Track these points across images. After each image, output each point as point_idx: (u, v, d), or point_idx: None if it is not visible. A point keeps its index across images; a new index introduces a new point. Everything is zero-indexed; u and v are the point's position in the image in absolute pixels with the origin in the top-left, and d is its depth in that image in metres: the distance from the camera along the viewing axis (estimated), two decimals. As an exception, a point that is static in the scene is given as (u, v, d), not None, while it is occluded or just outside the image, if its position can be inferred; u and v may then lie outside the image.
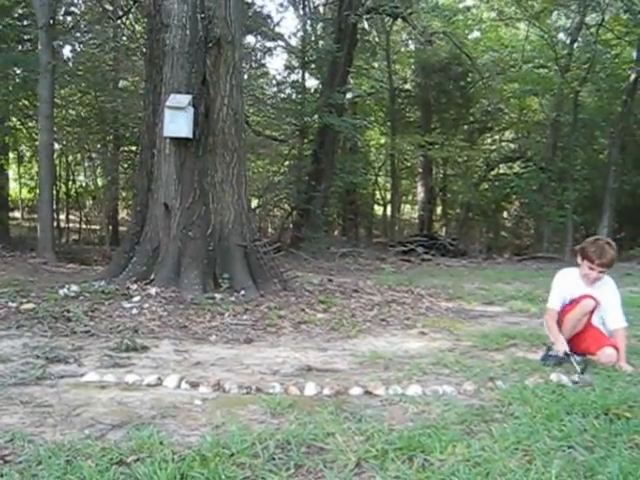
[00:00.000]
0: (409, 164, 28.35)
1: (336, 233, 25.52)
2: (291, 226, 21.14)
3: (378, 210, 30.74)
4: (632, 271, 15.84)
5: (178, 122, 7.93)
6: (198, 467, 2.55)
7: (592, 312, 4.82)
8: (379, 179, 29.00)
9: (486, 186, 26.74)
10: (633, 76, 20.43)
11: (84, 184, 22.89)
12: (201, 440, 2.89)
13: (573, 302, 4.89)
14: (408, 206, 32.67)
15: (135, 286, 7.67)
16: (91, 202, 23.39)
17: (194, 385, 3.92)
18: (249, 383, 3.99)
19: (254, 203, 20.58)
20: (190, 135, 8.03)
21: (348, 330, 6.33)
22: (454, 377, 4.34)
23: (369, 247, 20.64)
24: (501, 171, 27.72)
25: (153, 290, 7.46)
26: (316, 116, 19.44)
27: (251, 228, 8.67)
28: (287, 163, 22.89)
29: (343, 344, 5.69)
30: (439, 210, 29.41)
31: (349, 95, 22.14)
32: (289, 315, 6.86)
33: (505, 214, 29.30)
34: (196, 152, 8.23)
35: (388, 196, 28.50)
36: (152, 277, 7.99)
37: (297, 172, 21.35)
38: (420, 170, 27.22)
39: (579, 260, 4.91)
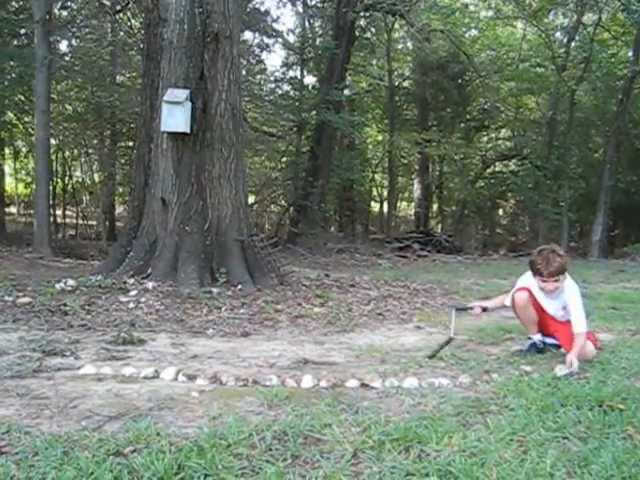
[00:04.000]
0: (406, 161, 28.38)
1: (333, 229, 25.55)
2: (288, 222, 21.15)
3: (375, 207, 30.76)
4: (625, 268, 15.97)
5: (176, 117, 7.92)
6: (195, 457, 2.56)
7: (533, 299, 4.81)
8: (376, 176, 29.01)
9: (482, 183, 26.82)
10: (629, 75, 20.47)
11: (81, 179, 22.86)
12: (198, 431, 2.90)
13: (516, 290, 4.90)
14: (404, 203, 32.71)
15: (132, 280, 7.67)
16: (88, 197, 23.33)
17: (191, 377, 3.93)
18: (246, 376, 3.99)
19: (251, 199, 20.62)
20: (187, 130, 8.02)
21: (345, 324, 6.35)
22: (450, 370, 4.36)
23: (366, 243, 20.65)
24: (497, 169, 27.83)
25: (150, 284, 7.46)
26: (314, 112, 19.44)
27: (248, 223, 8.68)
28: (284, 159, 22.91)
29: (340, 338, 5.71)
30: (435, 207, 29.46)
31: (347, 92, 22.13)
32: (286, 309, 6.87)
33: (501, 211, 29.40)
34: (193, 147, 8.23)
35: (385, 193, 28.50)
36: (149, 271, 8.00)
37: (294, 168, 21.37)
38: (417, 167, 27.26)
39: (531, 275, 4.77)
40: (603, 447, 2.78)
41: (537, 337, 4.94)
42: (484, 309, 5.05)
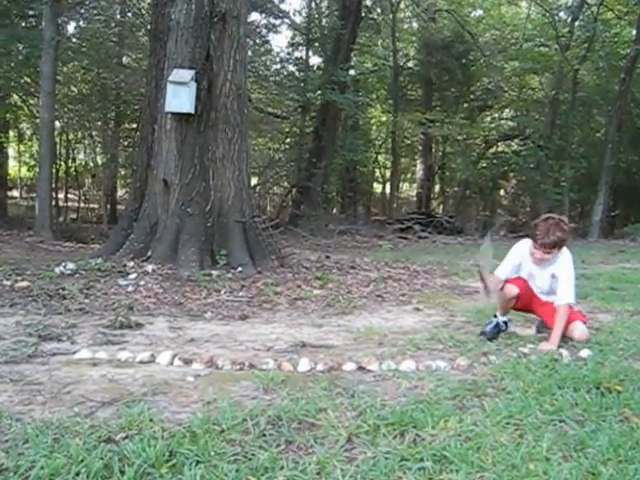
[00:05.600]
0: (409, 142, 28.27)
1: (335, 211, 25.49)
2: (290, 203, 21.09)
3: (377, 188, 30.70)
4: (625, 248, 15.93)
5: (180, 97, 7.86)
6: (188, 444, 2.53)
7: (516, 297, 4.76)
8: (379, 157, 28.92)
9: (484, 164, 26.75)
10: (632, 54, 20.30)
11: (84, 162, 22.79)
12: (192, 417, 2.87)
13: (507, 281, 4.81)
14: (407, 184, 32.64)
15: (132, 263, 7.63)
16: (90, 180, 23.28)
17: (187, 362, 3.89)
18: (242, 359, 3.96)
19: (254, 181, 20.53)
20: (192, 110, 7.95)
21: (343, 306, 6.31)
22: (447, 352, 4.33)
23: (367, 225, 20.62)
24: (499, 149, 27.71)
25: (150, 267, 7.42)
26: (318, 93, 19.34)
27: (250, 204, 8.62)
28: (288, 140, 22.80)
29: (338, 320, 5.67)
30: (437, 188, 29.38)
31: (352, 72, 22.04)
32: (285, 291, 6.84)
33: (502, 192, 29.30)
34: (197, 128, 8.15)
35: (387, 174, 28.44)
36: (149, 254, 7.95)
37: (298, 149, 21.30)
38: (420, 148, 27.16)
39: (530, 236, 4.70)
40: (600, 430, 2.76)
41: (502, 318, 4.89)
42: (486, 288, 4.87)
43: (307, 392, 3.26)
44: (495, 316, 4.88)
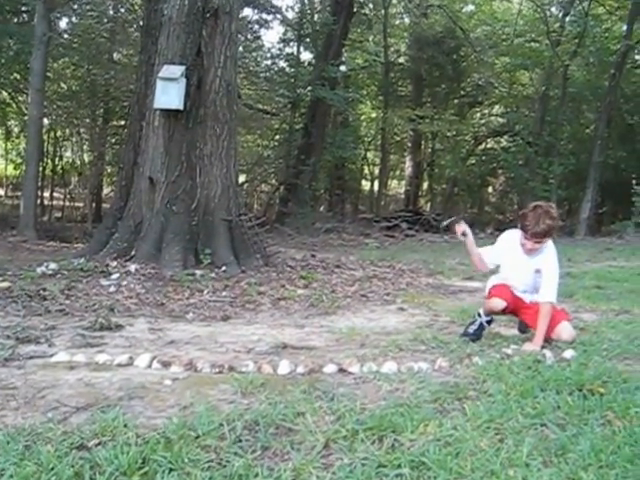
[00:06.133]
0: (398, 139, 28.23)
1: (322, 208, 25.40)
2: (277, 201, 20.99)
3: (366, 185, 30.62)
4: (612, 246, 15.90)
5: (169, 93, 7.82)
6: (161, 450, 2.47)
7: (501, 311, 4.70)
8: (368, 154, 28.83)
9: (473, 161, 26.74)
10: (622, 50, 20.32)
11: (71, 160, 22.60)
12: (167, 422, 2.80)
13: (493, 289, 4.76)
14: (395, 181, 32.55)
15: (115, 263, 7.55)
16: (76, 179, 23.10)
17: (165, 364, 3.83)
18: (222, 362, 3.90)
19: (242, 178, 20.45)
20: (181, 107, 7.92)
21: (327, 306, 6.27)
22: (430, 353, 4.29)
23: (354, 223, 20.57)
24: (489, 146, 27.68)
25: (133, 267, 7.35)
26: (309, 89, 19.25)
27: (237, 202, 8.55)
28: (277, 137, 22.71)
29: (321, 320, 5.64)
30: (426, 185, 29.34)
31: (343, 68, 21.95)
32: (269, 291, 6.79)
33: (490, 189, 29.29)
34: (186, 124, 8.12)
35: (376, 171, 28.36)
36: (133, 253, 7.87)
37: (287, 146, 21.17)
38: (409, 145, 27.11)
39: (519, 226, 4.60)
40: (581, 434, 2.73)
41: (485, 318, 4.80)
42: (464, 234, 4.83)
43: (286, 396, 3.21)
44: (479, 315, 4.81)
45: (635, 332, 5.00)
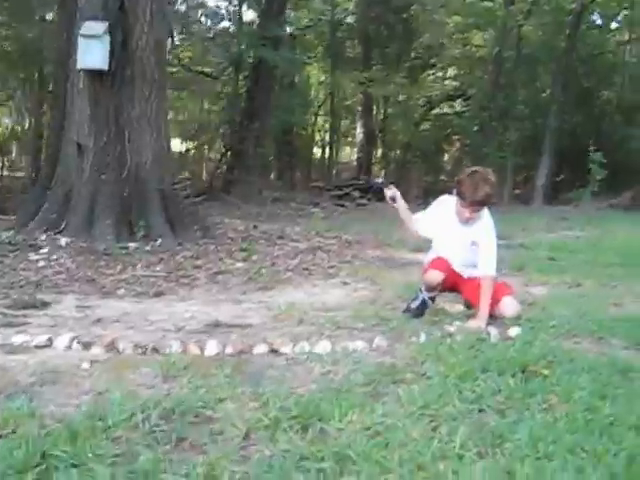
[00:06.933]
0: (349, 102, 27.80)
1: (273, 176, 24.99)
2: (225, 168, 20.47)
3: (318, 153, 30.22)
4: (568, 215, 15.87)
5: (93, 53, 7.37)
6: (64, 444, 2.24)
7: (441, 282, 4.48)
8: (319, 119, 28.37)
9: (427, 126, 26.44)
10: (577, 9, 20.13)
11: (8, 127, 21.81)
12: (78, 411, 2.58)
13: (430, 263, 4.58)
14: (348, 148, 32.20)
15: (44, 236, 7.18)
16: (16, 146, 22.32)
17: (86, 346, 3.58)
18: (148, 342, 3.67)
19: (187, 145, 19.98)
20: (105, 67, 7.46)
21: (267, 281, 6.03)
22: (369, 331, 4.08)
23: (305, 191, 20.28)
24: (443, 110, 27.43)
25: (63, 240, 7.00)
26: (252, 49, 18.65)
27: (170, 171, 8.23)
28: (222, 102, 22.13)
29: (260, 296, 5.41)
30: (380, 152, 29.08)
31: (287, 28, 21.33)
32: (206, 265, 6.53)
33: (445, 157, 29.18)
34: (112, 86, 7.65)
35: (327, 138, 28.00)
36: (63, 226, 7.49)
37: (231, 111, 20.59)
38: (359, 109, 26.74)
39: (455, 193, 4.41)
40: (521, 420, 2.57)
41: (428, 294, 4.57)
42: (393, 199, 4.65)
43: (209, 380, 3.00)
44: (421, 291, 4.60)
45: (586, 307, 4.89)
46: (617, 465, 2.18)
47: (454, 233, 4.48)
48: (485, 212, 4.43)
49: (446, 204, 4.55)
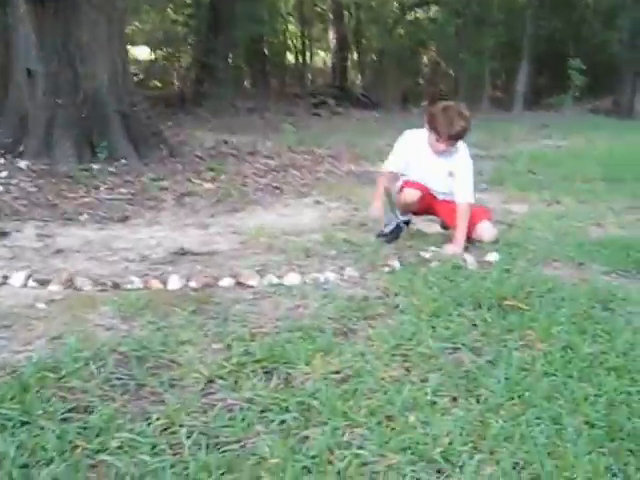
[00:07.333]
0: (319, 9, 26.87)
1: (247, 84, 24.29)
2: (195, 79, 19.79)
3: (291, 59, 29.33)
4: (549, 122, 15.65)
5: (30, -26, 6.85)
6: (12, 400, 2.08)
7: (418, 201, 4.35)
8: (290, 26, 27.45)
9: (401, 31, 25.78)
10: None
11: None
12: (29, 360, 2.41)
13: (404, 183, 4.42)
14: (323, 53, 31.31)
15: (2, 160, 6.85)
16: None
17: (43, 283, 3.38)
18: (108, 275, 3.51)
19: (155, 55, 19.18)
20: (43, -8, 6.97)
21: (236, 202, 5.83)
22: (341, 259, 3.93)
23: (280, 101, 19.72)
24: (417, 15, 26.72)
25: (23, 163, 6.67)
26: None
27: (129, 91, 7.80)
28: (188, 12, 21.19)
29: (228, 219, 5.22)
30: (355, 58, 28.37)
31: None
32: (173, 186, 6.29)
33: (425, 60, 28.55)
34: (56, 11, 7.15)
35: (300, 45, 27.17)
36: (21, 149, 7.16)
37: (196, 22, 19.72)
38: (330, 15, 25.91)
39: (426, 127, 4.26)
40: (498, 360, 2.45)
41: (402, 218, 4.47)
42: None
43: (172, 319, 2.86)
44: (395, 215, 4.45)
45: (565, 227, 4.79)
46: (595, 413, 2.07)
47: (428, 164, 4.33)
48: (461, 143, 4.28)
49: (414, 137, 4.40)
